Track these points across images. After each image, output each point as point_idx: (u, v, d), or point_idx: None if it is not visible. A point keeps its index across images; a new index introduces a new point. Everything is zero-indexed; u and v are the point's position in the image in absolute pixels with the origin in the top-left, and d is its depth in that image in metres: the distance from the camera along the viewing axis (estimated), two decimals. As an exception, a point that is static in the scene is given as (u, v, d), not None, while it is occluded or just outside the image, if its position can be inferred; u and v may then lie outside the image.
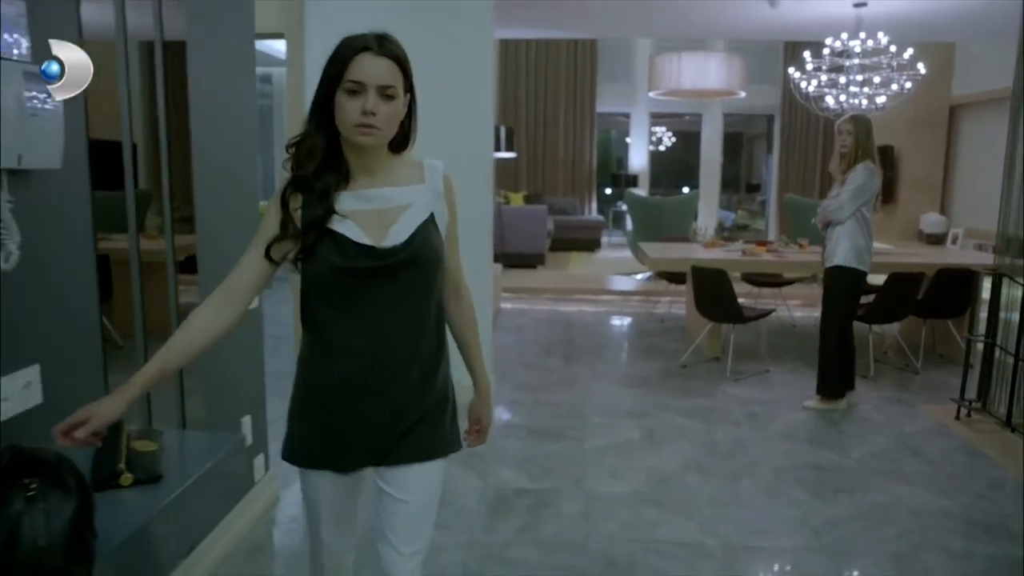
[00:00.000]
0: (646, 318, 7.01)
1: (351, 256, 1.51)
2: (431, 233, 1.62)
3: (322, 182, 1.53)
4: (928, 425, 4.24)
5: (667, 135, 14.58)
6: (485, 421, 1.87)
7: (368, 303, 1.55)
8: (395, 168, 1.64)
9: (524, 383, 4.90)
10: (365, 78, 1.49)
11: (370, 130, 1.50)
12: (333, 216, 1.52)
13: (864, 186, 4.20)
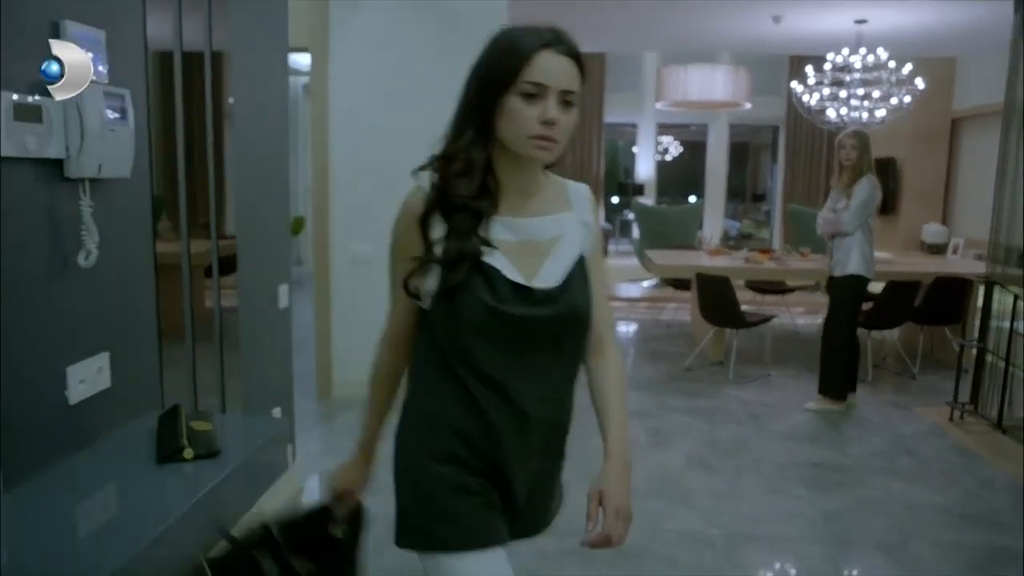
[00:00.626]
0: (652, 324, 7.19)
1: (503, 296, 1.27)
2: (585, 275, 1.38)
3: (478, 205, 1.28)
4: (923, 427, 4.41)
5: (674, 145, 14.78)
6: (623, 508, 1.40)
7: (516, 352, 1.31)
8: (546, 191, 1.39)
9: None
10: (548, 80, 1.23)
11: (549, 144, 1.25)
12: None
13: (870, 199, 4.40)
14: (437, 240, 1.30)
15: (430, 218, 1.31)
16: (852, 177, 4.43)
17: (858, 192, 4.40)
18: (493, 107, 1.26)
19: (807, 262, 6.05)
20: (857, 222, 4.41)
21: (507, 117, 1.26)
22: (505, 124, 1.26)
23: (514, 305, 1.28)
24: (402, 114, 4.41)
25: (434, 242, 1.30)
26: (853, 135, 4.47)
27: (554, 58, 1.25)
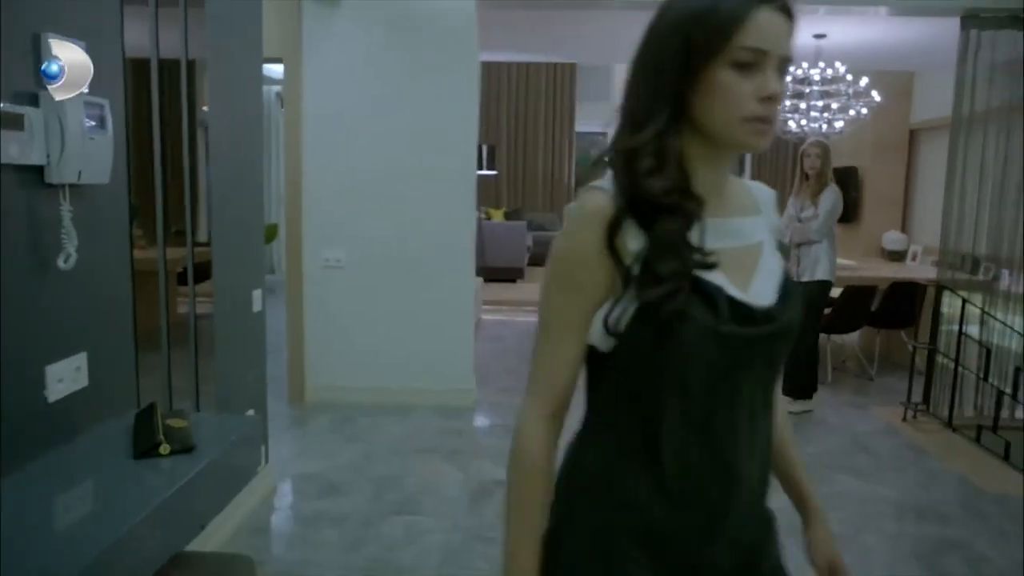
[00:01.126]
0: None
1: (726, 320, 0.98)
2: (793, 287, 1.10)
3: (687, 207, 0.99)
4: (878, 426, 4.58)
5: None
6: (841, 566, 1.23)
7: (731, 391, 1.02)
8: (733, 189, 1.12)
9: (504, 386, 5.18)
10: (768, 44, 0.95)
11: (767, 127, 0.98)
12: None
13: (836, 207, 4.58)
14: (634, 255, 0.98)
15: (622, 226, 0.98)
16: (819, 186, 4.60)
17: (825, 201, 4.57)
18: (692, 83, 0.97)
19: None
20: (825, 230, 4.59)
21: (714, 94, 0.96)
22: (710, 104, 0.97)
23: (738, 329, 0.99)
24: (375, 122, 4.52)
25: (630, 258, 0.98)
26: (817, 144, 4.64)
27: (773, 16, 0.95)
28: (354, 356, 4.67)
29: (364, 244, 4.60)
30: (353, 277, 4.62)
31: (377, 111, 4.51)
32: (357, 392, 4.64)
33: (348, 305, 4.65)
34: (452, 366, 4.72)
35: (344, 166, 4.55)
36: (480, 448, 4.01)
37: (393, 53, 4.48)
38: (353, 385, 4.66)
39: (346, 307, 4.65)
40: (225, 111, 2.84)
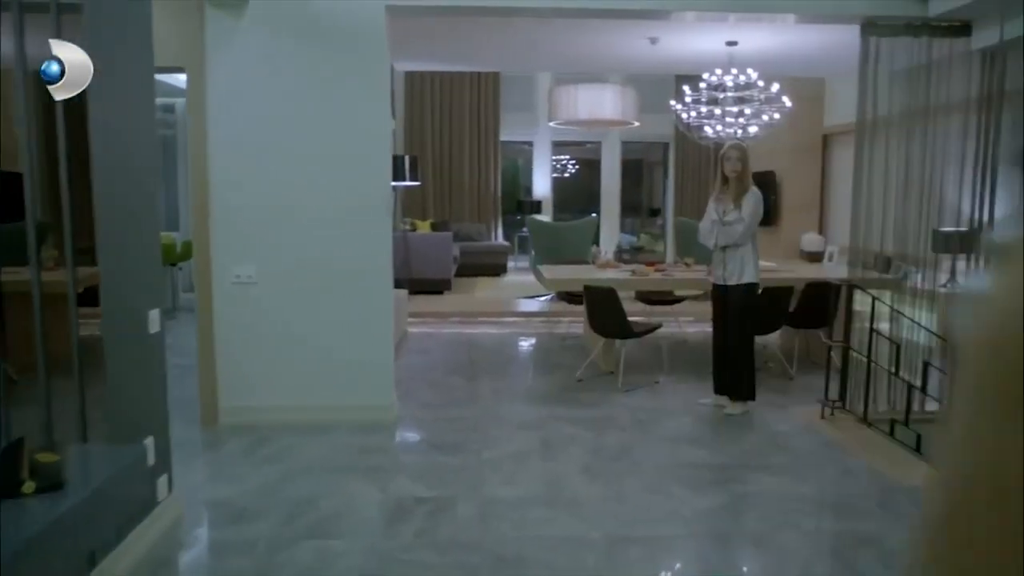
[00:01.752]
0: (548, 338, 7.31)
1: None
2: None
3: None
4: (797, 425, 4.65)
5: (571, 163, 15.10)
6: None
7: None
8: None
9: (427, 401, 5.09)
10: None
11: None
12: None
13: (759, 209, 4.65)
14: None
15: None
16: (740, 189, 4.65)
17: (747, 204, 4.63)
18: None
19: (690, 272, 6.30)
20: (751, 233, 4.65)
21: None
22: None
23: None
24: (284, 133, 4.39)
25: None
26: (736, 147, 4.69)
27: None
28: (269, 375, 4.52)
29: (276, 259, 4.46)
30: (266, 293, 4.47)
31: (286, 122, 4.39)
32: (273, 412, 4.49)
33: (261, 322, 4.49)
34: (372, 381, 4.61)
35: (253, 179, 4.41)
36: (400, 465, 3.91)
37: (301, 62, 4.37)
38: (268, 405, 4.51)
39: (259, 324, 4.50)
40: (111, 123, 2.69)
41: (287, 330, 4.51)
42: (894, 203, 4.77)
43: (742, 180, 4.66)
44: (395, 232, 9.18)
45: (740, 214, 4.64)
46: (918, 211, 4.79)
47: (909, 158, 4.71)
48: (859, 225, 4.79)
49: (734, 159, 4.65)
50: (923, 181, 4.75)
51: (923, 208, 4.78)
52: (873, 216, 4.80)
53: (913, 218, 4.80)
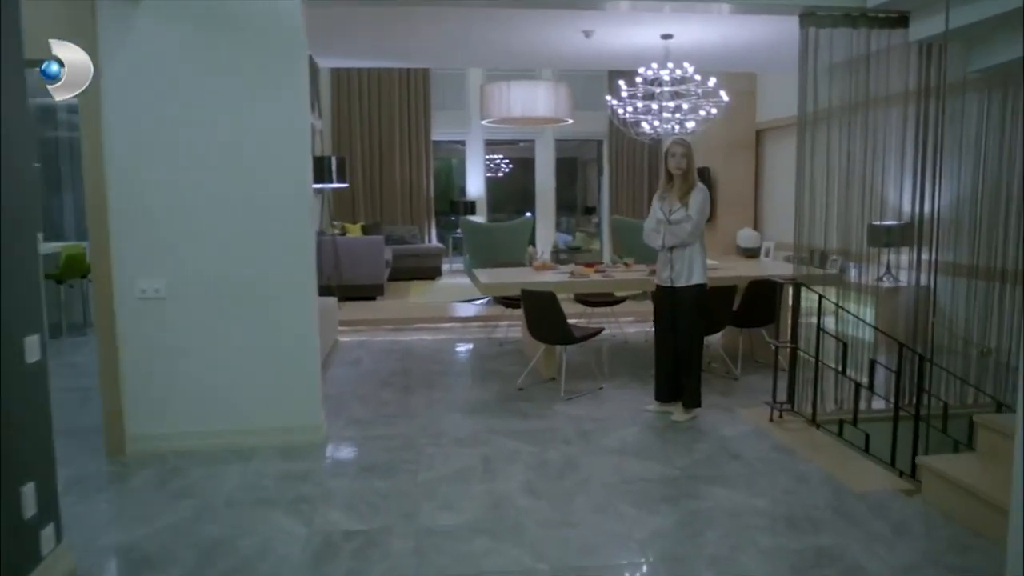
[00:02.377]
0: (485, 343, 7.04)
1: None
2: None
3: None
4: (746, 429, 4.49)
5: (505, 162, 14.88)
6: None
7: None
8: None
9: (358, 417, 4.76)
10: None
11: None
12: None
13: (706, 207, 4.47)
14: None
15: None
16: (688, 186, 4.46)
17: (695, 201, 4.45)
18: None
19: (631, 272, 6.12)
20: (699, 231, 4.47)
21: None
22: None
23: None
24: (190, 134, 4.01)
25: None
26: (681, 143, 4.50)
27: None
28: (182, 398, 4.13)
29: (187, 271, 4.07)
30: (176, 309, 4.08)
31: (192, 122, 4.00)
32: (187, 439, 4.10)
33: (172, 340, 4.10)
34: (297, 401, 4.26)
35: (157, 182, 4.00)
36: (328, 494, 3.58)
37: (207, 57, 3.99)
38: (182, 431, 4.12)
39: (169, 343, 4.10)
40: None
41: (201, 348, 4.12)
42: (836, 197, 4.65)
43: (688, 177, 4.48)
44: (324, 236, 8.80)
45: (687, 212, 4.45)
46: (860, 205, 4.69)
47: (851, 151, 4.61)
48: (803, 220, 4.66)
49: (679, 155, 4.46)
50: (864, 174, 4.65)
51: (866, 202, 4.68)
52: (816, 211, 4.68)
53: (856, 212, 4.70)
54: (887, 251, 5.57)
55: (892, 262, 6.06)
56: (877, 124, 4.62)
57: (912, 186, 4.71)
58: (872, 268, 5.02)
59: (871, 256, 4.98)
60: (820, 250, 4.92)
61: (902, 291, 5.13)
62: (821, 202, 4.65)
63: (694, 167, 4.51)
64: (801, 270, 4.71)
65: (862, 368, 4.68)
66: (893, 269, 5.85)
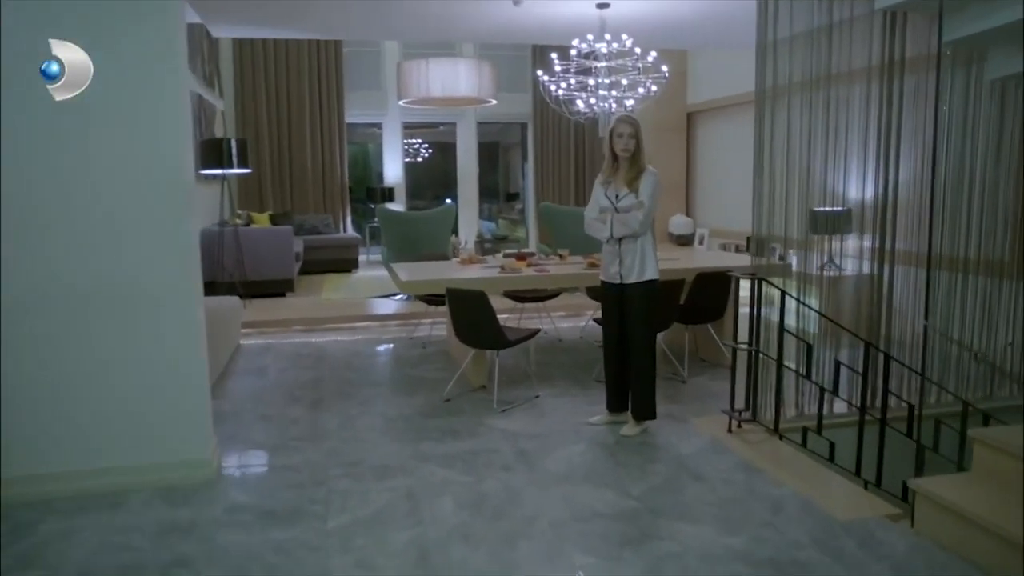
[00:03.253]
0: (406, 344, 6.39)
1: None
2: None
3: None
4: (703, 443, 4.00)
5: (424, 146, 14.14)
6: None
7: None
8: None
9: (259, 442, 4.06)
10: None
11: None
12: None
13: (659, 191, 3.97)
14: None
15: None
16: (637, 169, 3.95)
17: (646, 187, 3.94)
18: None
19: (567, 265, 5.57)
20: (650, 221, 3.97)
21: None
22: None
23: None
24: (34, 113, 3.18)
25: None
26: (628, 121, 3.98)
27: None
28: (33, 433, 3.35)
29: (39, 281, 3.28)
30: (24, 326, 3.29)
31: (34, 99, 3.20)
32: (42, 483, 3.33)
33: (18, 365, 3.31)
34: (180, 429, 3.53)
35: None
36: (214, 553, 2.89)
37: (51, 17, 3.19)
38: (33, 473, 3.34)
39: (15, 368, 3.31)
40: None
41: (61, 374, 3.35)
42: (797, 181, 4.19)
43: (636, 159, 3.95)
44: (225, 228, 7.92)
45: (637, 198, 3.92)
46: (822, 188, 4.25)
47: (813, 131, 4.14)
48: (762, 206, 4.19)
49: (626, 135, 3.92)
50: (826, 155, 4.20)
51: (828, 183, 4.24)
52: (775, 200, 4.21)
53: (817, 196, 4.25)
54: (830, 239, 5.20)
55: (836, 250, 5.72)
56: (840, 101, 4.18)
57: (876, 168, 4.30)
58: (811, 256, 4.55)
59: (812, 244, 4.50)
60: (753, 236, 4.47)
61: (850, 280, 4.70)
62: (780, 186, 4.18)
63: (643, 148, 3.98)
64: (760, 262, 4.24)
65: (823, 369, 4.26)
66: (837, 257, 5.47)
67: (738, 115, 8.63)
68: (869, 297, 4.41)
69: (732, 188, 8.76)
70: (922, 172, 4.41)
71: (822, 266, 4.45)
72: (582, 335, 6.55)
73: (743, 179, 8.87)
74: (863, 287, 4.42)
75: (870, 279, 4.40)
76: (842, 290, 4.63)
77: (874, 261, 4.38)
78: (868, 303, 4.41)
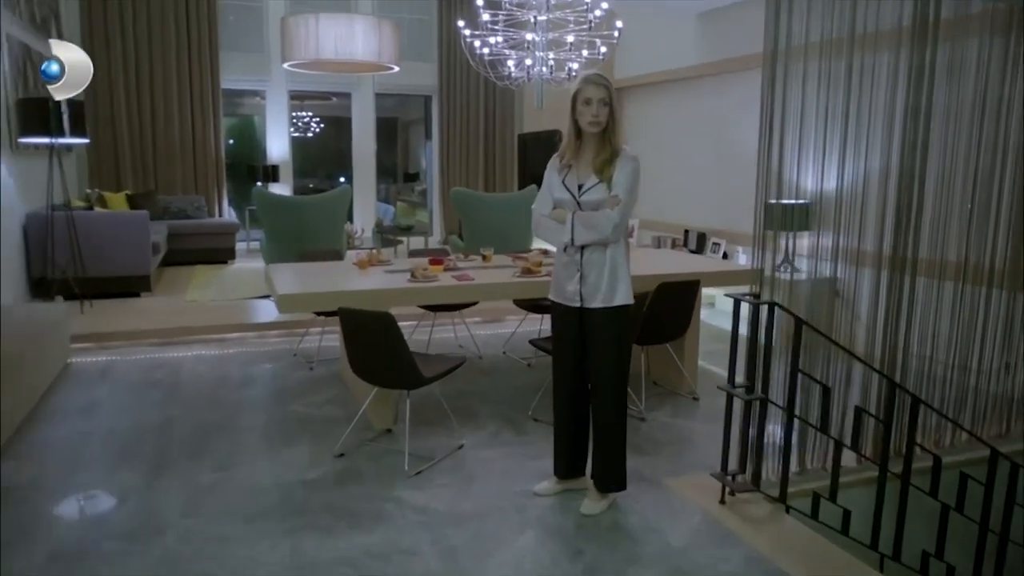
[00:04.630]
0: (289, 363, 5.09)
1: None
2: None
3: None
4: (695, 523, 2.96)
5: (316, 120, 12.61)
6: None
7: None
8: None
9: (57, 551, 2.73)
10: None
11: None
12: None
13: (637, 182, 2.89)
14: None
15: None
16: (611, 150, 2.84)
17: (623, 175, 2.85)
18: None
19: (495, 270, 4.42)
20: (626, 223, 2.88)
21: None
22: None
23: None
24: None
25: None
26: (599, 83, 2.85)
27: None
28: None
29: None
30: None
31: None
32: None
33: None
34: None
35: None
36: None
37: None
38: None
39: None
40: None
41: None
42: (812, 160, 3.18)
43: (609, 137, 2.84)
44: (57, 211, 6.31)
45: (610, 190, 2.82)
46: (839, 172, 3.27)
47: (829, 104, 3.14)
48: (769, 195, 3.16)
49: (596, 102, 2.80)
50: (844, 135, 3.21)
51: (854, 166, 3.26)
52: (784, 186, 3.20)
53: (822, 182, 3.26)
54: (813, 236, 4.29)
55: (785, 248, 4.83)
56: (864, 71, 3.19)
57: (901, 151, 3.34)
58: (760, 253, 3.60)
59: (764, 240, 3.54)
60: (691, 230, 3.46)
61: (864, 293, 3.77)
62: (790, 165, 3.16)
63: (619, 122, 2.88)
64: (765, 271, 3.21)
65: (834, 415, 3.30)
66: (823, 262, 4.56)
67: (674, 92, 7.67)
68: (886, 318, 3.47)
69: (666, 175, 7.80)
70: (951, 163, 3.50)
71: (780, 265, 3.49)
72: (505, 350, 5.44)
73: (679, 165, 7.95)
74: (873, 301, 3.47)
75: (889, 291, 3.45)
76: (844, 305, 3.68)
77: (894, 271, 3.44)
78: (885, 325, 3.48)
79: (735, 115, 6.76)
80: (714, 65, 6.80)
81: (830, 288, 3.35)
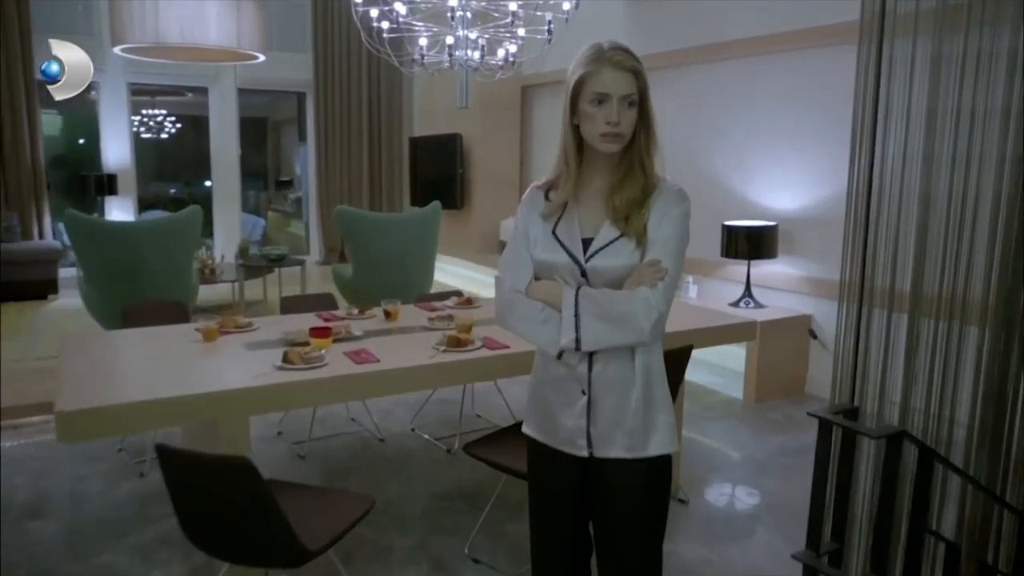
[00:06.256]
0: (112, 466, 3.58)
1: None
2: None
3: None
4: None
5: (171, 120, 10.77)
6: None
7: None
8: None
9: None
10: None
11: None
12: None
13: (687, 237, 1.64)
14: None
15: None
16: (644, 181, 1.63)
17: (669, 224, 1.65)
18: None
19: (396, 328, 3.11)
20: (669, 309, 1.63)
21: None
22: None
23: None
24: None
25: None
26: (624, 66, 1.60)
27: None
28: None
29: None
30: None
31: None
32: None
33: None
34: None
35: None
36: None
37: None
38: None
39: None
40: None
41: None
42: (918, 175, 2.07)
43: (641, 157, 1.62)
44: None
45: (638, 247, 1.61)
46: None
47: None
48: (859, 206, 2.02)
49: (617, 98, 1.59)
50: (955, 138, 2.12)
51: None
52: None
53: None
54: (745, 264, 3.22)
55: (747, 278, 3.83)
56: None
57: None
58: None
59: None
60: None
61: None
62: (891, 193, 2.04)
63: (656, 132, 1.65)
64: (851, 317, 2.06)
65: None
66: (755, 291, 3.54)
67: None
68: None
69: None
70: None
71: (739, 301, 2.35)
72: (414, 426, 4.13)
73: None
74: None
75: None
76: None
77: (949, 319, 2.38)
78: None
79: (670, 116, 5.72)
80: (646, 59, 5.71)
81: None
